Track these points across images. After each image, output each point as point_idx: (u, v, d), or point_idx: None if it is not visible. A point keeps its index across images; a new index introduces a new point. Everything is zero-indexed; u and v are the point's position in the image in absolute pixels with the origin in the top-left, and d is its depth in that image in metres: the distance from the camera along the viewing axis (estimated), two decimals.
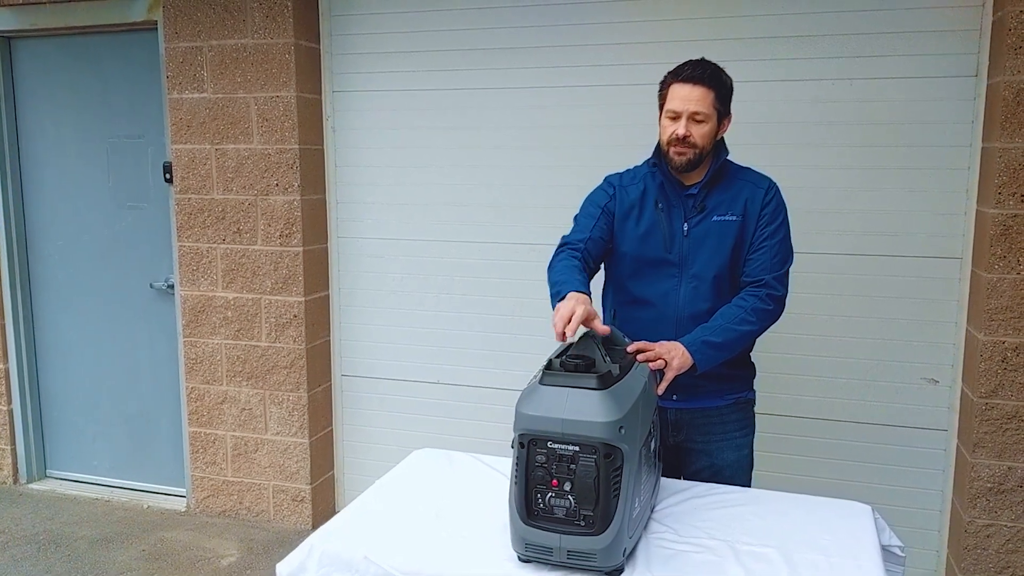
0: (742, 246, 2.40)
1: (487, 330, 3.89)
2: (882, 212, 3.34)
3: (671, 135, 2.35)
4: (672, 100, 2.36)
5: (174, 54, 3.89)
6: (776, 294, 2.38)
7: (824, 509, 2.29)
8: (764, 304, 2.36)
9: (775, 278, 2.38)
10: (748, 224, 2.40)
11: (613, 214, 2.49)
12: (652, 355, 2.23)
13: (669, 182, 2.43)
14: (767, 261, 2.39)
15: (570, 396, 1.89)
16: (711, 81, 2.34)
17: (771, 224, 2.40)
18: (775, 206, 2.41)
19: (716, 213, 2.40)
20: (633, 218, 2.46)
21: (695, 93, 2.32)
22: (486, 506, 2.26)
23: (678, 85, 2.35)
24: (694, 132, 2.32)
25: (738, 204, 2.40)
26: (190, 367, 4.13)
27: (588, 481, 1.85)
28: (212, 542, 3.91)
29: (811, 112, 3.35)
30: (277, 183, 3.82)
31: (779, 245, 2.40)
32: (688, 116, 2.32)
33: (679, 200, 2.43)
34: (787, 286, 2.42)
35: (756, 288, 2.38)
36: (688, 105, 2.32)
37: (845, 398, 3.47)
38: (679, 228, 2.41)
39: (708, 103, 2.32)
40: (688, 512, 2.25)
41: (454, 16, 3.74)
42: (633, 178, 2.53)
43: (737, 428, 2.52)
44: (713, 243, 2.39)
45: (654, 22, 3.49)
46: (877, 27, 3.25)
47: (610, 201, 2.51)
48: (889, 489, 3.44)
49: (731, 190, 2.42)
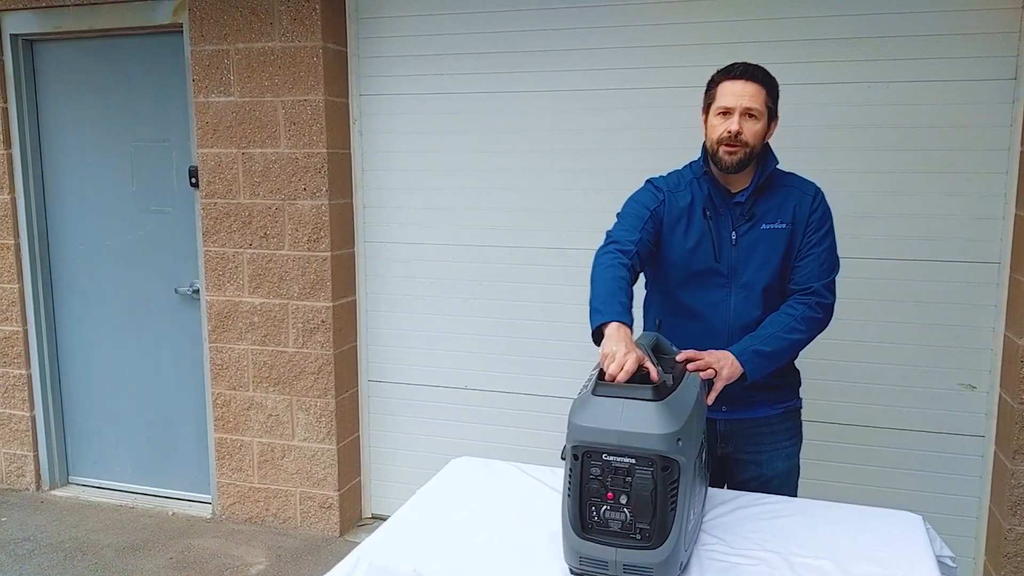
0: (791, 254, 2.36)
1: (516, 335, 3.86)
2: (919, 216, 3.30)
3: (722, 133, 2.29)
4: (723, 97, 2.31)
5: (200, 57, 3.86)
6: (825, 302, 2.35)
7: (875, 519, 2.25)
8: (814, 312, 2.33)
9: (824, 286, 2.35)
10: (797, 231, 2.36)
11: (662, 219, 2.43)
12: (702, 364, 2.19)
13: (716, 190, 2.39)
14: (815, 269, 2.35)
15: (625, 407, 1.86)
16: (764, 79, 2.31)
17: (819, 231, 2.36)
18: (822, 212, 2.38)
19: (764, 221, 2.36)
20: (682, 228, 2.41)
21: (748, 89, 2.28)
22: (531, 517, 2.23)
23: (729, 82, 2.30)
24: (746, 129, 2.27)
25: (786, 211, 2.36)
26: (216, 373, 4.10)
27: (645, 494, 1.81)
28: (240, 550, 3.89)
29: (847, 115, 3.32)
30: (305, 187, 3.80)
31: (827, 252, 2.36)
32: (741, 112, 2.27)
33: (726, 208, 2.38)
34: (835, 294, 2.39)
35: (805, 296, 2.34)
36: (741, 101, 2.27)
37: (881, 404, 3.43)
38: (727, 236, 2.37)
39: (761, 100, 2.29)
40: (737, 523, 2.22)
41: (482, 19, 3.71)
42: (678, 184, 2.46)
43: (786, 438, 2.49)
44: (763, 252, 2.35)
45: (686, 24, 3.45)
46: (914, 30, 3.21)
47: (660, 206, 2.42)
48: (925, 496, 3.41)
49: (778, 197, 2.38)
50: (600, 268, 2.29)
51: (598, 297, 2.19)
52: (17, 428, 4.56)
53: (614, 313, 2.08)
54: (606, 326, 2.05)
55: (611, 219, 3.58)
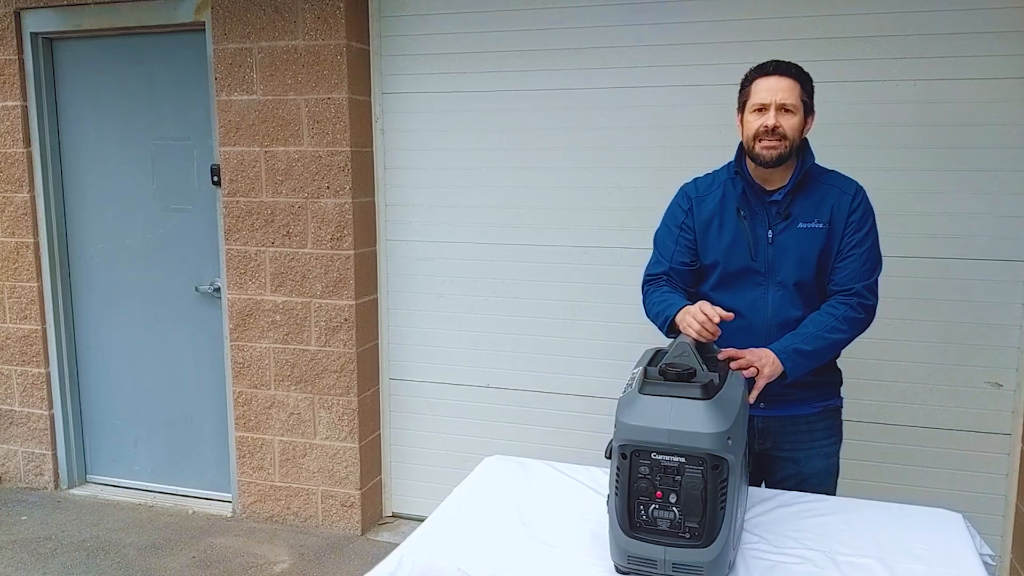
0: (829, 254, 2.36)
1: (539, 334, 3.86)
2: (945, 214, 3.30)
3: (759, 127, 2.30)
4: (758, 93, 2.32)
5: (223, 55, 3.86)
6: (867, 303, 2.35)
7: (915, 517, 2.25)
8: (856, 313, 2.33)
9: (865, 287, 2.34)
10: (835, 231, 2.35)
11: (693, 229, 2.46)
12: (744, 363, 2.20)
13: (751, 188, 2.39)
14: (856, 269, 2.34)
15: (674, 406, 1.86)
16: (797, 74, 2.32)
17: (859, 231, 2.35)
18: (863, 212, 2.37)
19: (801, 220, 2.35)
20: (714, 228, 2.42)
21: (783, 84, 2.29)
22: (570, 515, 2.24)
23: (763, 79, 2.32)
24: (784, 123, 2.28)
25: (824, 210, 2.35)
26: (237, 371, 4.10)
27: (695, 493, 1.82)
28: (262, 548, 3.89)
29: (873, 113, 3.31)
30: (328, 186, 3.79)
31: (868, 252, 2.36)
32: (777, 107, 2.28)
33: (762, 207, 2.38)
34: (877, 295, 2.38)
35: (847, 296, 2.33)
36: (777, 95, 2.28)
37: (907, 402, 3.43)
38: (763, 235, 2.37)
39: (796, 94, 2.30)
40: (777, 521, 2.22)
41: (505, 17, 3.70)
42: (711, 185, 2.49)
43: (826, 436, 2.48)
44: (799, 252, 2.35)
45: (711, 23, 3.45)
46: (942, 28, 3.21)
47: (687, 217, 2.48)
48: (951, 493, 3.40)
49: (816, 195, 2.37)
50: (647, 295, 2.53)
51: (656, 306, 2.40)
52: (35, 427, 4.56)
53: (679, 302, 2.30)
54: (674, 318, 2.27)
55: (635, 216, 3.62)
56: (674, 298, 2.36)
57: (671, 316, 2.29)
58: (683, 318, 2.21)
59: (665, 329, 2.35)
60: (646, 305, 2.50)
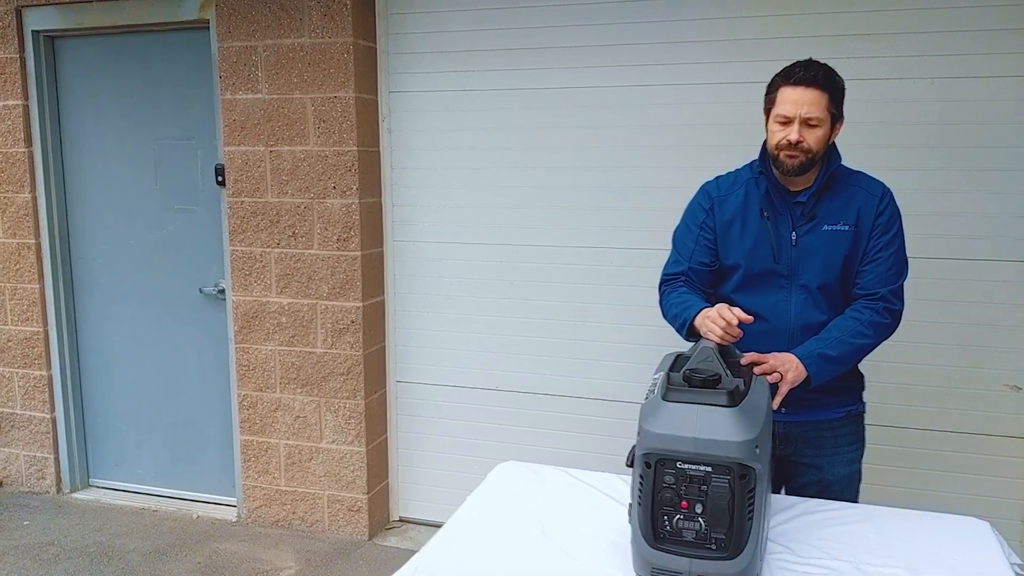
0: (854, 257, 2.30)
1: (548, 335, 3.80)
2: (963, 215, 3.25)
3: (781, 140, 2.23)
4: (782, 104, 2.23)
5: (227, 54, 3.80)
6: (893, 308, 2.29)
7: (942, 525, 2.21)
8: (881, 318, 2.27)
9: (892, 291, 2.28)
10: (861, 234, 2.29)
11: (714, 229, 2.41)
12: (767, 368, 2.14)
13: (775, 189, 2.33)
14: (882, 273, 2.28)
15: (700, 413, 1.81)
16: (824, 83, 2.21)
17: (886, 234, 2.29)
18: (890, 215, 2.31)
19: (826, 222, 2.29)
20: (736, 229, 2.37)
21: (808, 96, 2.19)
22: (588, 524, 2.18)
23: (789, 88, 2.22)
24: (807, 137, 2.20)
25: (850, 212, 2.29)
26: (242, 374, 4.04)
27: (721, 503, 1.76)
28: (268, 554, 3.83)
29: (889, 112, 3.26)
30: (335, 186, 3.73)
31: (894, 256, 2.30)
32: (801, 121, 2.20)
33: (786, 208, 2.32)
34: (903, 300, 2.33)
35: (872, 301, 2.28)
36: (800, 109, 2.19)
37: (923, 405, 3.38)
38: (787, 236, 2.31)
39: (822, 107, 2.20)
40: (801, 530, 2.17)
41: (515, 14, 3.65)
42: (733, 184, 2.42)
43: (848, 442, 2.43)
44: (824, 254, 2.29)
45: (726, 19, 3.39)
46: (960, 24, 3.15)
47: (707, 217, 2.42)
48: (968, 498, 3.35)
49: (842, 197, 2.31)
50: (664, 296, 2.47)
51: (674, 307, 2.35)
52: (37, 430, 4.50)
53: (697, 304, 2.25)
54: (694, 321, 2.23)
55: (647, 217, 3.57)
56: (692, 300, 2.30)
57: (690, 319, 2.24)
58: (703, 322, 2.16)
59: (684, 332, 2.29)
60: (663, 306, 2.45)
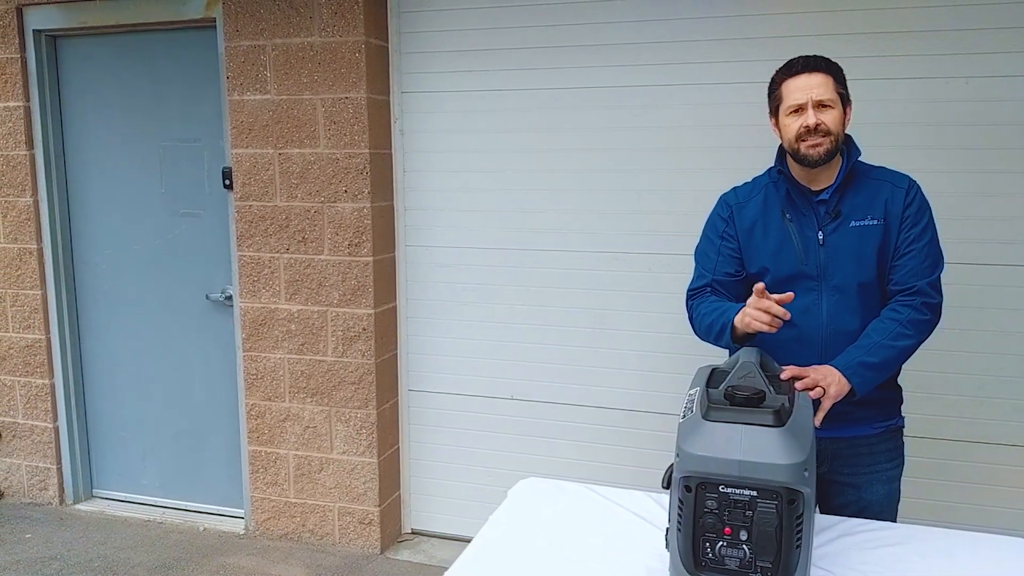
0: (887, 252, 2.20)
1: (565, 343, 3.69)
2: (1000, 219, 3.13)
3: (800, 128, 2.15)
4: (790, 95, 2.17)
5: (235, 53, 3.69)
6: (932, 302, 2.18)
7: (988, 546, 2.09)
8: (920, 314, 2.16)
9: (928, 284, 2.18)
10: (891, 227, 2.19)
11: (736, 238, 2.31)
12: (810, 383, 2.03)
13: (796, 189, 2.24)
14: (916, 266, 2.18)
15: (745, 434, 1.69)
16: (827, 67, 2.18)
17: (916, 225, 2.19)
18: (919, 205, 2.21)
19: (853, 219, 2.20)
20: (759, 234, 2.28)
21: (815, 80, 2.15)
22: (620, 547, 2.07)
23: (792, 79, 2.17)
24: (825, 119, 2.13)
25: (877, 206, 2.20)
26: (250, 383, 3.93)
27: (768, 530, 1.65)
28: (278, 568, 3.72)
29: (922, 112, 3.14)
30: (346, 189, 3.62)
31: (927, 248, 2.20)
32: (814, 104, 2.13)
33: (809, 208, 2.23)
34: (942, 292, 2.22)
35: (908, 297, 2.17)
36: (811, 93, 2.14)
37: (956, 416, 3.26)
38: (813, 237, 2.21)
39: (830, 88, 2.15)
40: (842, 552, 2.06)
41: (528, 13, 3.54)
42: (751, 191, 2.35)
43: (887, 459, 2.31)
44: (854, 251, 2.19)
45: (750, 17, 3.28)
46: (995, 22, 3.04)
47: (727, 226, 2.34)
48: (1003, 511, 3.24)
49: (867, 191, 2.22)
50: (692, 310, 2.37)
51: (708, 316, 2.24)
52: (40, 440, 4.39)
53: (732, 308, 2.15)
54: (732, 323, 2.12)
55: (666, 221, 3.47)
56: (726, 305, 2.20)
57: (730, 321, 2.12)
58: (743, 319, 2.05)
59: (726, 336, 2.16)
60: (694, 321, 2.34)
